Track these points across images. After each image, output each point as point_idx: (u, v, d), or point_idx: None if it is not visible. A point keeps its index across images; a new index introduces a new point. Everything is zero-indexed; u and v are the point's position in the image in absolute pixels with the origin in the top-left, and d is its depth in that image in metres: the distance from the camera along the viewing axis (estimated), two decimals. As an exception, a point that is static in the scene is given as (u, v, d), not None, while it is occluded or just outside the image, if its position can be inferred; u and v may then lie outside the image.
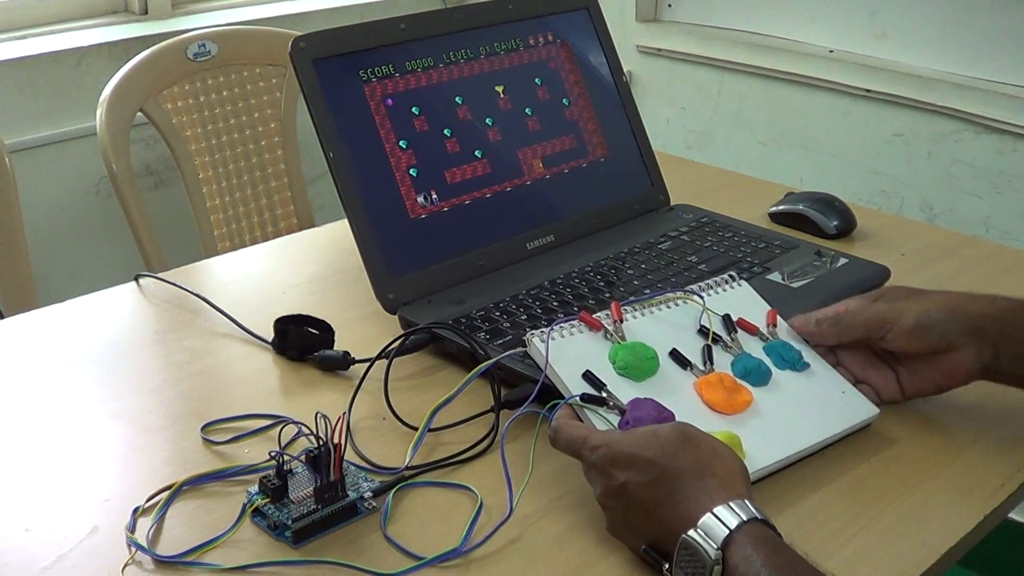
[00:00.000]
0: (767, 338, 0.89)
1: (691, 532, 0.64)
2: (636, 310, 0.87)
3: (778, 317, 0.91)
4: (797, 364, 0.87)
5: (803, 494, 0.77)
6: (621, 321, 0.84)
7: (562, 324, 0.82)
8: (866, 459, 0.82)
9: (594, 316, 0.84)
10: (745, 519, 0.63)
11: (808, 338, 0.89)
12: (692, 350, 0.85)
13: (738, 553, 0.62)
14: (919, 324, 0.83)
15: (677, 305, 0.89)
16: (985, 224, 1.92)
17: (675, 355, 0.84)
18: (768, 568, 0.61)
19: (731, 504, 0.64)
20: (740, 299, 0.92)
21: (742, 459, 0.74)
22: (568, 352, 0.81)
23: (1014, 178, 1.87)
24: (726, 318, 0.89)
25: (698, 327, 0.88)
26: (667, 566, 0.67)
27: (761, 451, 0.77)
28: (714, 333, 0.87)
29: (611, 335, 0.83)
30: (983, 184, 1.91)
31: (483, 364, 0.83)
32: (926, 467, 0.81)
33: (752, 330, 0.89)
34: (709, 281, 0.93)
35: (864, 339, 0.86)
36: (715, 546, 0.63)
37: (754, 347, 0.88)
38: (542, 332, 0.81)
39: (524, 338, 0.82)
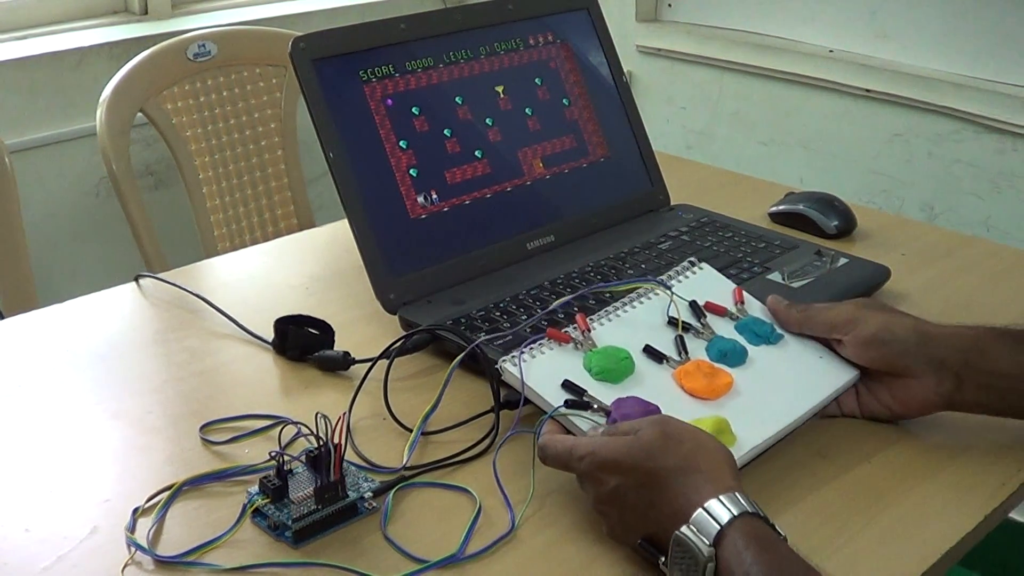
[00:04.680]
0: (737, 317, 0.89)
1: (683, 529, 0.64)
2: (602, 317, 0.87)
3: (744, 294, 0.91)
4: (771, 337, 0.87)
5: (803, 494, 0.77)
6: (589, 331, 0.84)
7: (531, 345, 0.82)
8: (866, 459, 0.82)
9: (562, 331, 0.84)
10: (736, 513, 0.63)
11: (775, 315, 0.89)
12: (665, 343, 0.85)
13: (728, 549, 0.62)
14: (878, 336, 0.82)
15: (641, 303, 0.89)
16: (985, 224, 1.91)
17: (649, 351, 0.84)
18: (758, 565, 0.61)
19: (721, 498, 0.64)
20: (704, 283, 0.92)
21: (731, 445, 0.74)
22: (543, 370, 0.80)
23: (1014, 178, 1.87)
24: (693, 304, 0.89)
25: (666, 319, 0.87)
26: (663, 559, 0.67)
27: (751, 431, 0.77)
28: (683, 322, 0.87)
29: (581, 344, 0.83)
30: (983, 184, 1.91)
31: (458, 356, 0.84)
32: (926, 467, 0.81)
33: (721, 312, 0.89)
34: (670, 272, 0.92)
35: (826, 337, 0.86)
36: (707, 543, 0.63)
37: (726, 328, 0.88)
38: (512, 356, 0.81)
39: (496, 367, 0.81)
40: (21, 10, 1.95)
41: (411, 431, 0.82)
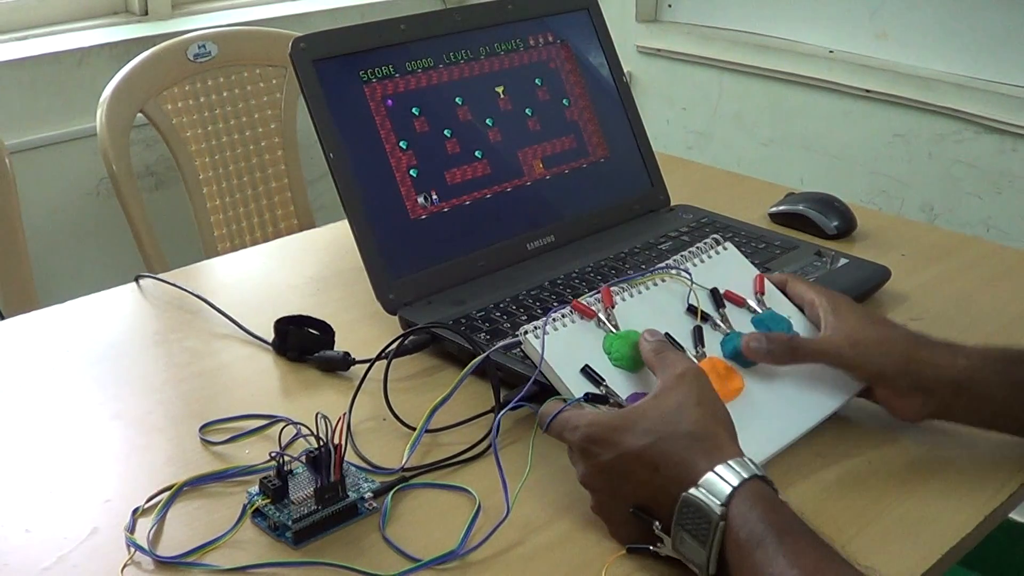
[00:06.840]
0: (755, 310, 0.88)
1: (692, 491, 0.65)
2: (625, 291, 0.86)
3: (766, 283, 0.90)
4: None
5: (802, 495, 0.77)
6: (612, 307, 0.83)
7: (554, 316, 0.81)
8: (866, 459, 0.82)
9: (586, 303, 0.83)
10: (747, 476, 0.65)
11: (771, 281, 0.90)
12: (683, 332, 0.84)
13: (736, 508, 0.64)
14: (873, 349, 0.82)
15: (664, 281, 0.88)
16: (985, 224, 1.91)
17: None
18: (763, 523, 0.63)
19: (731, 463, 0.66)
20: (727, 265, 0.91)
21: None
22: (563, 346, 0.80)
23: (1014, 178, 1.87)
24: (714, 292, 0.88)
25: (686, 305, 0.87)
26: (658, 524, 0.68)
27: (754, 445, 0.76)
28: (702, 312, 0.86)
29: (603, 323, 0.82)
30: (983, 184, 1.91)
31: (475, 359, 0.82)
32: (926, 468, 0.81)
33: (740, 302, 0.89)
34: (693, 248, 0.92)
35: (799, 306, 0.89)
36: (719, 502, 0.64)
37: (743, 321, 0.87)
38: (535, 327, 0.80)
39: (518, 335, 0.81)
40: (21, 10, 1.95)
41: (413, 429, 0.82)
